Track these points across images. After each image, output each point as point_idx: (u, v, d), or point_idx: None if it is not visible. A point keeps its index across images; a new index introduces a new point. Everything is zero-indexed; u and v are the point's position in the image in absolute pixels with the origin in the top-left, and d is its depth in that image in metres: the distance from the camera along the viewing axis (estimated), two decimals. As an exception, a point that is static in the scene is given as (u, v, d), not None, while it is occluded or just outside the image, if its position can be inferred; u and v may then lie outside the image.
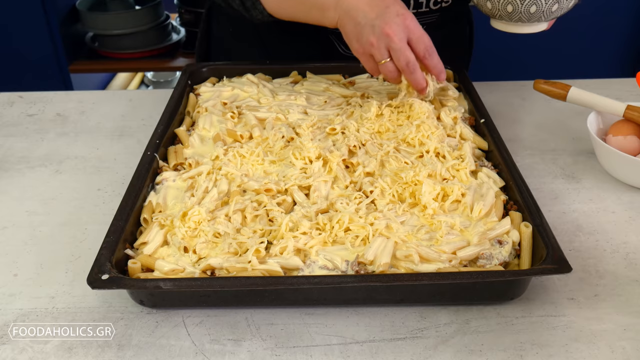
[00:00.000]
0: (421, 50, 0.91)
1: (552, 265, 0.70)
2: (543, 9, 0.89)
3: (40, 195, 0.97)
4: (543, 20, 0.93)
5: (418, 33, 0.91)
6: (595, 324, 0.73)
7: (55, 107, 1.23)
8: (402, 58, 0.91)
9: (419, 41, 0.91)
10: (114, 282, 0.69)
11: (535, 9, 0.89)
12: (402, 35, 0.90)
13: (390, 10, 0.90)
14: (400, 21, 0.89)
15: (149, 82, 2.94)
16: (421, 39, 0.91)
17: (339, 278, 0.69)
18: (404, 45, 0.90)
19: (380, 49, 0.91)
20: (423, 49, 0.91)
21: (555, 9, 0.90)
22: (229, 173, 0.88)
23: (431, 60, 0.93)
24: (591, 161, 1.04)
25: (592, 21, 2.29)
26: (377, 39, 0.90)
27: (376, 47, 0.91)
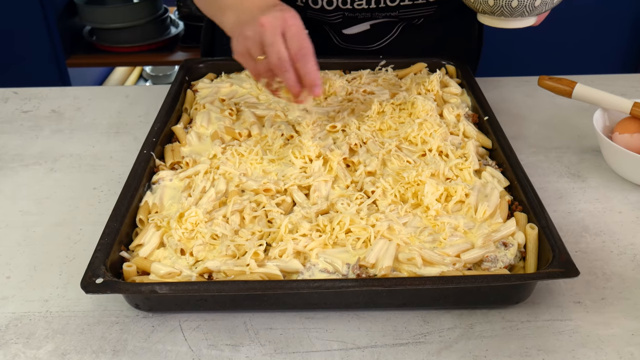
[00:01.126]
0: (294, 47, 0.81)
1: (558, 268, 0.68)
2: (525, 4, 0.87)
3: (35, 194, 0.95)
4: (527, 15, 0.90)
5: (295, 29, 0.81)
6: (603, 329, 0.71)
7: (51, 104, 1.21)
8: (274, 52, 0.81)
9: (294, 38, 0.81)
10: (109, 286, 0.67)
11: (517, 3, 0.87)
12: (276, 27, 0.80)
13: (276, 7, 0.83)
14: (279, 14, 0.81)
15: (148, 76, 2.91)
16: (297, 35, 0.81)
17: (340, 282, 0.67)
18: (278, 38, 0.80)
19: (255, 43, 0.82)
20: (296, 47, 0.81)
21: (538, 4, 0.88)
22: (227, 172, 0.86)
23: (303, 65, 0.81)
24: (597, 159, 1.01)
25: (593, 16, 2.26)
26: (253, 31, 0.82)
27: (251, 40, 0.83)
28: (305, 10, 1.12)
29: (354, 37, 1.17)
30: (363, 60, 1.17)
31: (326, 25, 1.16)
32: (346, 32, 1.16)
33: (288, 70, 0.82)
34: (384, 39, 1.18)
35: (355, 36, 1.17)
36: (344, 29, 1.16)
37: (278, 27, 0.81)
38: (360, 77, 1.12)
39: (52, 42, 2.35)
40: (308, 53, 0.81)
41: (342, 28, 1.16)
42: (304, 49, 0.81)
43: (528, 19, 0.91)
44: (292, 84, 0.83)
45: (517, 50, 2.23)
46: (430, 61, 1.16)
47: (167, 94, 1.06)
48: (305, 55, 0.81)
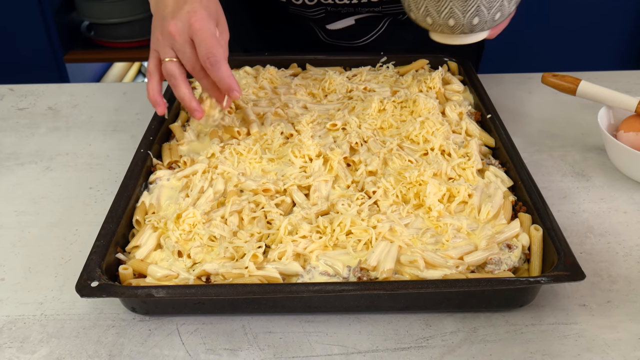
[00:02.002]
0: (202, 55, 0.80)
1: (564, 272, 0.66)
2: (486, 19, 0.85)
3: (30, 193, 0.93)
4: (486, 29, 0.88)
5: (202, 36, 0.79)
6: (609, 333, 0.69)
7: (47, 101, 1.20)
8: (185, 58, 0.82)
9: (201, 45, 0.80)
10: (104, 289, 0.65)
11: (478, 20, 0.85)
12: (184, 35, 0.80)
13: (184, 8, 0.81)
14: (185, 18, 0.80)
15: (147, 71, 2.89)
16: (203, 43, 0.79)
17: (341, 286, 0.66)
18: (187, 45, 0.81)
19: (165, 47, 0.83)
20: (204, 54, 0.80)
21: (497, 17, 0.86)
22: (226, 172, 0.84)
23: (215, 73, 0.81)
24: (601, 158, 1.00)
25: (594, 11, 2.24)
26: (163, 35, 0.82)
27: (161, 43, 0.83)
28: (288, 6, 1.10)
29: (339, 33, 1.15)
30: (363, 57, 1.15)
31: (310, 21, 1.14)
32: (330, 28, 1.15)
33: (201, 77, 0.83)
34: (371, 34, 1.17)
35: (340, 31, 1.15)
36: (328, 25, 1.14)
37: (185, 35, 0.80)
38: (361, 74, 1.10)
39: (49, 38, 2.33)
40: (217, 60, 0.80)
41: (325, 23, 1.14)
42: (211, 57, 0.79)
43: (483, 33, 0.89)
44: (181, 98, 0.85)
45: (517, 46, 2.21)
46: (432, 58, 1.14)
47: (165, 91, 1.04)
48: (214, 63, 0.80)
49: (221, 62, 0.80)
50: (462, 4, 0.82)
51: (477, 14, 0.83)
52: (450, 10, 0.83)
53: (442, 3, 0.83)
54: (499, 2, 0.83)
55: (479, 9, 0.83)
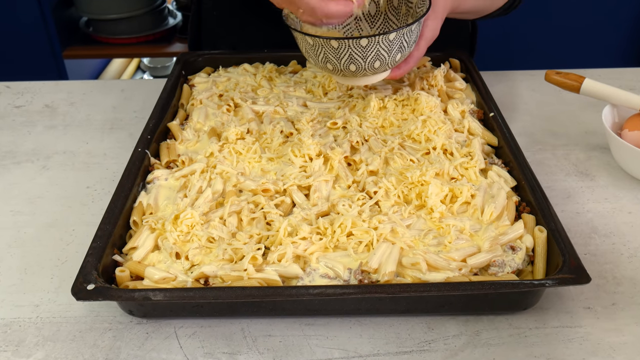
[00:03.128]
0: None
1: (569, 274, 0.65)
2: (387, 62, 0.84)
3: (26, 193, 0.92)
4: (389, 69, 0.87)
5: None
6: (614, 336, 0.68)
7: (44, 98, 1.18)
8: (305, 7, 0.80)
9: None
10: (100, 292, 0.64)
11: (379, 63, 0.84)
12: None
13: None
14: None
15: (146, 67, 2.87)
16: None
17: (341, 289, 0.65)
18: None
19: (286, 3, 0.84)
20: None
21: (399, 58, 0.85)
22: (224, 172, 0.83)
23: None
24: (605, 157, 0.99)
25: (595, 7, 2.22)
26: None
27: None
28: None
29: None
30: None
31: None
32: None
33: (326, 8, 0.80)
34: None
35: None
36: None
37: None
38: (362, 72, 1.08)
39: (48, 34, 2.31)
40: None
41: None
42: None
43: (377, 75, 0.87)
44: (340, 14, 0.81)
45: (518, 43, 2.20)
46: (434, 54, 1.12)
47: (163, 89, 1.03)
48: None
49: None
50: (361, 51, 0.81)
51: (377, 58, 0.82)
52: (350, 57, 0.82)
53: (341, 51, 0.82)
54: (399, 44, 0.82)
55: (379, 53, 0.82)
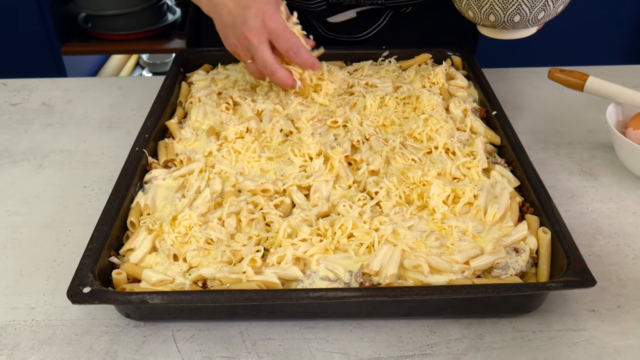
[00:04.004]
0: (283, 49, 0.89)
1: (574, 277, 0.64)
2: (528, 18, 0.82)
3: (22, 192, 0.91)
4: (530, 27, 0.86)
5: (278, 32, 0.88)
6: (619, 340, 0.67)
7: (41, 96, 1.17)
8: (260, 61, 0.89)
9: (279, 40, 0.88)
10: (96, 296, 0.63)
11: (520, 18, 0.82)
12: (260, 38, 0.88)
13: (250, 11, 0.87)
14: (258, 23, 0.87)
15: (145, 64, 2.86)
16: (282, 37, 0.88)
17: (342, 292, 0.63)
18: (263, 47, 0.88)
19: (243, 51, 0.90)
20: (285, 47, 0.89)
21: (541, 16, 0.83)
22: (223, 171, 0.82)
23: (298, 59, 0.90)
24: (609, 156, 0.97)
25: (595, 5, 2.20)
26: (239, 42, 0.89)
27: (239, 48, 0.90)
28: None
29: (339, 26, 1.13)
30: (365, 51, 1.12)
31: (309, 14, 1.11)
32: (331, 21, 1.12)
33: (275, 72, 0.90)
34: (372, 28, 1.14)
35: (340, 25, 1.12)
36: (329, 17, 1.11)
37: (263, 39, 0.88)
38: (362, 69, 1.07)
39: (46, 30, 2.30)
40: (297, 47, 0.89)
41: (326, 16, 1.11)
42: (292, 46, 0.89)
43: (531, 29, 0.86)
44: (282, 82, 0.92)
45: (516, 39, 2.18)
46: (435, 52, 1.11)
47: (161, 86, 1.01)
48: (296, 52, 0.89)
49: (301, 48, 0.90)
50: (502, 2, 0.81)
51: (518, 12, 0.82)
52: (490, 7, 0.82)
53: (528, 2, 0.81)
54: (542, 1, 0.81)
55: (520, 7, 0.81)
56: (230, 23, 0.88)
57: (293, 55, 0.90)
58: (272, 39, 0.88)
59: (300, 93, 1.00)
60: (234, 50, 0.92)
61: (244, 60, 0.92)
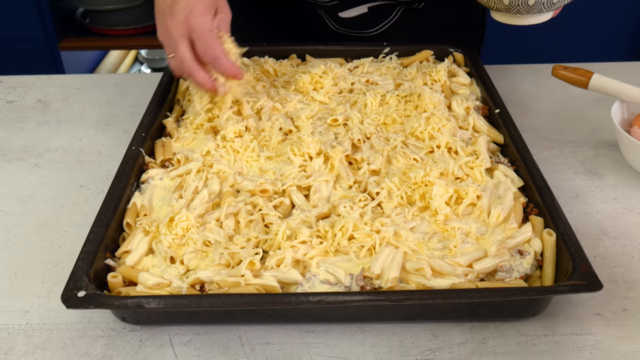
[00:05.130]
0: (202, 52, 0.83)
1: (579, 281, 0.63)
2: (543, 1, 0.80)
3: (17, 192, 0.89)
4: (545, 11, 0.84)
5: (199, 32, 0.82)
6: (626, 344, 0.66)
7: (37, 93, 1.15)
8: (179, 56, 0.84)
9: (198, 41, 0.83)
10: (91, 300, 0.62)
11: (534, 1, 0.80)
12: (180, 32, 0.82)
13: (179, 4, 0.82)
14: (182, 16, 0.81)
15: (143, 59, 2.83)
16: (202, 39, 0.82)
17: (342, 296, 0.62)
18: (181, 41, 0.82)
19: (166, 43, 0.85)
20: (203, 50, 0.83)
21: (556, 0, 0.81)
22: (221, 171, 0.80)
23: (218, 67, 0.85)
24: (614, 154, 0.96)
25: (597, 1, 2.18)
26: (163, 33, 0.85)
27: (164, 40, 0.85)
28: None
29: (350, 21, 1.11)
30: (365, 48, 1.10)
31: (321, 9, 1.09)
32: (342, 16, 1.10)
33: (193, 72, 0.84)
34: (383, 24, 1.12)
35: (352, 20, 1.10)
36: (340, 12, 1.09)
37: (183, 35, 0.83)
38: (363, 66, 1.05)
39: (43, 25, 2.27)
40: (216, 54, 0.83)
41: (338, 11, 1.09)
42: (210, 51, 0.83)
43: (545, 14, 0.84)
44: (201, 83, 0.86)
45: (520, 35, 2.16)
46: (437, 48, 1.09)
47: (159, 84, 1.00)
48: (214, 58, 0.83)
49: (220, 55, 0.83)
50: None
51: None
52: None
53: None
54: None
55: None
56: (161, 12, 0.84)
57: (210, 61, 0.84)
58: (193, 38, 0.83)
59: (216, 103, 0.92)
60: (162, 42, 0.87)
61: (167, 53, 0.87)
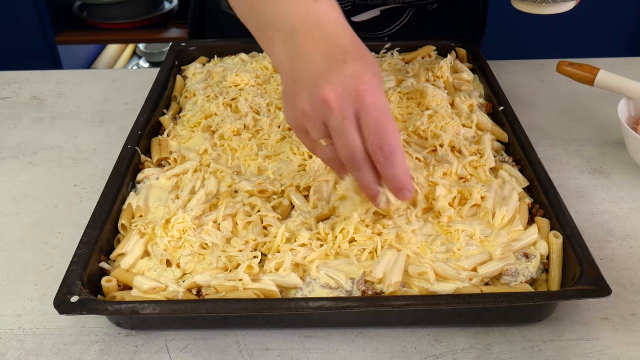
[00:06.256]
0: (372, 143, 0.58)
1: (587, 286, 0.61)
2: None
3: (11, 192, 0.87)
4: (570, 0, 0.81)
5: (373, 111, 0.57)
6: (634, 350, 0.64)
7: (32, 89, 1.13)
8: (344, 145, 0.59)
9: (371, 125, 0.57)
10: (85, 305, 0.60)
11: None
12: (346, 107, 0.57)
13: (345, 68, 0.58)
14: (350, 85, 0.57)
15: (142, 53, 2.81)
16: (377, 123, 0.57)
17: (343, 302, 0.60)
18: (348, 123, 0.58)
19: (315, 122, 0.59)
20: (376, 142, 0.58)
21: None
22: (219, 171, 0.78)
23: (387, 167, 0.59)
24: (620, 153, 0.94)
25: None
26: (312, 106, 0.58)
27: (310, 117, 0.59)
28: None
29: (363, 25, 1.09)
30: (367, 44, 1.07)
31: None
32: (355, 20, 1.08)
33: (362, 169, 0.60)
34: (394, 26, 1.11)
35: (364, 23, 1.09)
36: (354, 17, 1.08)
37: (349, 109, 0.57)
38: (364, 62, 1.03)
39: (40, 19, 2.25)
40: (393, 150, 0.58)
41: (351, 16, 1.08)
42: (386, 146, 0.57)
43: (569, 3, 0.82)
44: (367, 185, 0.62)
45: (522, 29, 2.13)
46: (439, 44, 1.07)
47: (155, 81, 0.98)
48: (389, 155, 0.58)
49: (398, 153, 0.58)
50: None
51: None
52: None
53: None
54: None
55: None
56: (307, 77, 0.59)
57: (382, 159, 0.58)
58: (362, 121, 0.58)
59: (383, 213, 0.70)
60: (299, 120, 0.61)
61: (313, 137, 0.61)
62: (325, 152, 0.61)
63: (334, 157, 0.61)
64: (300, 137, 0.63)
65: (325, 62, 0.58)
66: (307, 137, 0.62)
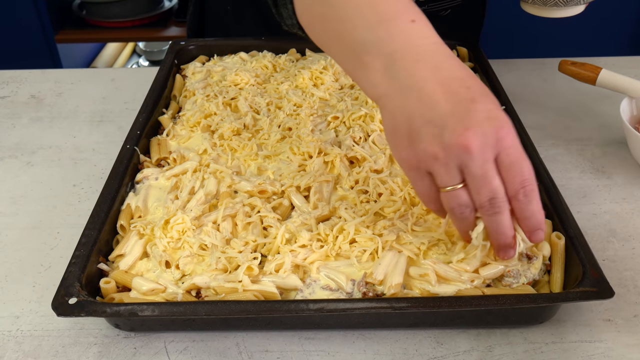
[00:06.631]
0: (515, 184, 0.56)
1: (590, 288, 0.60)
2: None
3: (9, 191, 0.87)
4: (582, 3, 0.80)
5: (514, 153, 0.56)
6: (637, 352, 0.63)
7: (30, 88, 1.12)
8: (485, 189, 0.56)
9: (514, 168, 0.56)
10: (83, 307, 0.59)
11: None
12: (487, 151, 0.55)
13: (478, 109, 0.55)
14: (490, 129, 0.54)
15: (141, 52, 2.80)
16: (517, 164, 0.56)
17: (344, 303, 0.60)
18: (490, 167, 0.55)
19: (449, 168, 0.56)
20: (518, 182, 0.56)
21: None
22: (218, 171, 0.78)
23: (525, 206, 0.58)
24: (622, 152, 0.93)
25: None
26: (446, 150, 0.55)
27: (442, 162, 0.56)
28: None
29: None
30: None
31: None
32: None
33: (503, 212, 0.57)
34: None
35: None
36: None
37: (490, 152, 0.55)
38: (365, 61, 1.03)
39: (39, 17, 2.24)
40: (533, 187, 0.57)
41: None
42: (527, 184, 0.56)
43: (580, 6, 0.81)
44: (503, 231, 0.59)
45: (522, 28, 2.13)
46: (440, 43, 1.06)
47: (154, 80, 0.97)
48: (528, 193, 0.57)
49: (536, 191, 0.58)
50: None
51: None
52: None
53: None
54: None
55: None
56: (431, 115, 0.55)
57: (523, 198, 0.57)
58: (502, 164, 0.56)
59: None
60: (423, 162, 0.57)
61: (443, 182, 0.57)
62: (456, 197, 0.57)
63: (466, 202, 0.58)
64: (413, 177, 0.59)
65: (449, 100, 0.55)
66: (426, 179, 0.58)
